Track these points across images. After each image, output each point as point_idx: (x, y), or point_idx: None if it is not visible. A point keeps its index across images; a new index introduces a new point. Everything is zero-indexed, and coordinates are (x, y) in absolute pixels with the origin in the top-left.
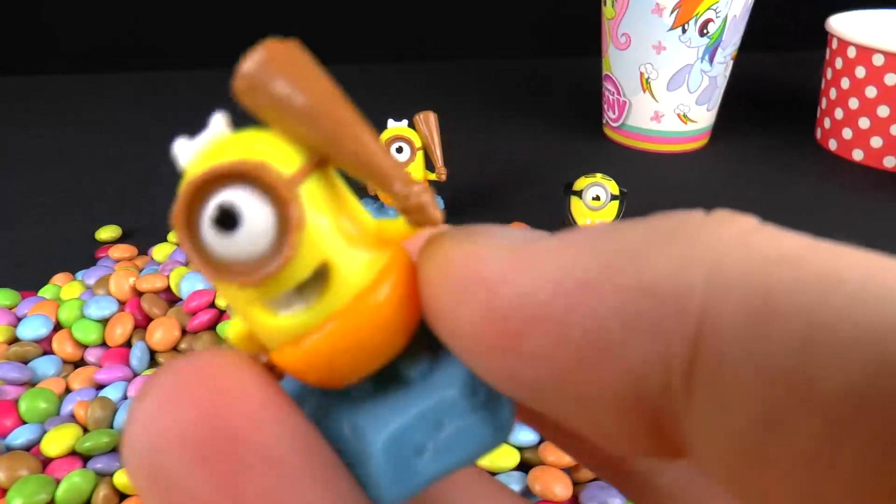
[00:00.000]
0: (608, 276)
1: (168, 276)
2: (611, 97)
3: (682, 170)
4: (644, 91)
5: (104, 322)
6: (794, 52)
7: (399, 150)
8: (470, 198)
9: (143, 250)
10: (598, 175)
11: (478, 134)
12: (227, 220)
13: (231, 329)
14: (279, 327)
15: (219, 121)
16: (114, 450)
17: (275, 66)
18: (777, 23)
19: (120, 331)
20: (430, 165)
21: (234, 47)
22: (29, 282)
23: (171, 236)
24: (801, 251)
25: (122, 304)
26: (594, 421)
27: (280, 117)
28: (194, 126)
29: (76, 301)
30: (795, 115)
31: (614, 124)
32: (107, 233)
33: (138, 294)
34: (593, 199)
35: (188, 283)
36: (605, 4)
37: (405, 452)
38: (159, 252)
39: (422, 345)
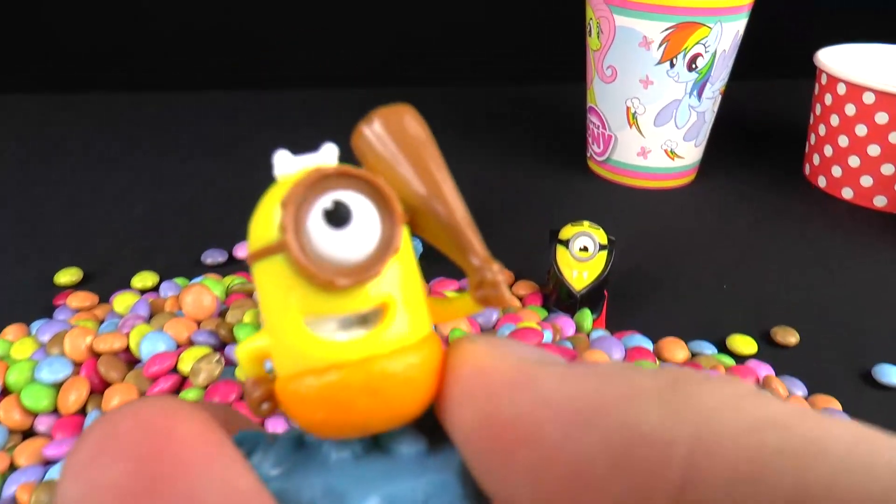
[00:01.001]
0: (605, 414)
1: (128, 335)
2: (596, 131)
3: (669, 207)
4: (630, 126)
5: (57, 387)
6: (782, 80)
7: None
8: None
9: (105, 296)
10: (586, 223)
11: (456, 165)
12: (340, 214)
13: (244, 346)
14: (324, 348)
15: (331, 151)
16: None
17: (385, 129)
18: (764, 53)
19: (74, 397)
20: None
21: (203, 71)
22: None
23: (135, 281)
24: (789, 418)
25: (77, 365)
26: None
27: (386, 175)
28: (167, 151)
29: (27, 363)
30: (783, 149)
31: (599, 158)
32: (66, 276)
33: (95, 355)
34: (581, 249)
35: (149, 344)
36: (589, 35)
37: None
38: (121, 303)
39: (419, 429)
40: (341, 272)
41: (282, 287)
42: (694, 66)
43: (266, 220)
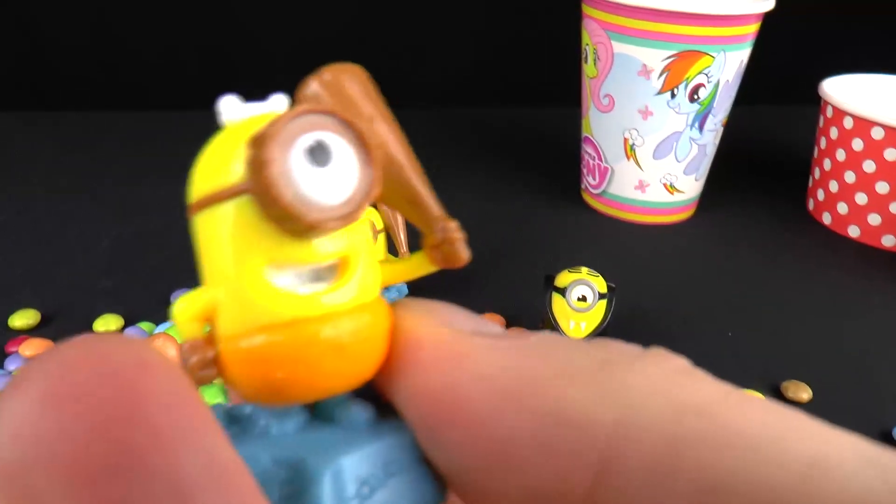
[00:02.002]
0: (534, 393)
1: None
2: (591, 161)
3: (668, 244)
4: (628, 158)
5: None
6: (783, 106)
7: None
8: (436, 280)
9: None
10: (584, 270)
11: (443, 195)
12: (321, 153)
13: (184, 303)
14: (288, 302)
15: (281, 101)
16: None
17: (348, 77)
18: (766, 78)
19: None
20: (392, 249)
21: (176, 88)
22: None
23: (98, 325)
24: (712, 404)
25: None
26: None
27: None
28: (135, 175)
29: None
30: (785, 182)
31: (594, 191)
32: (22, 319)
33: None
34: (579, 299)
35: None
36: (585, 61)
37: (349, 490)
38: None
39: (365, 396)
40: (325, 215)
41: (241, 233)
42: (696, 96)
43: (222, 162)
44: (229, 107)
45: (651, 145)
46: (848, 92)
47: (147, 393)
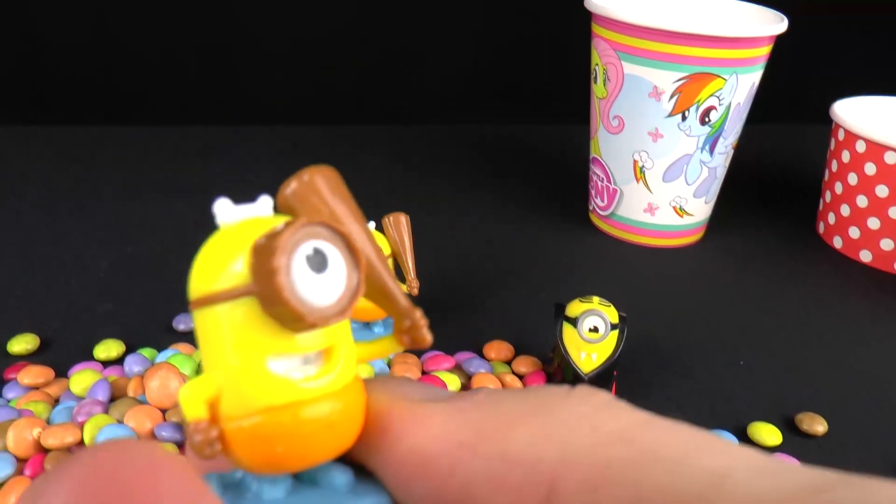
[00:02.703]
0: (484, 443)
1: (82, 427)
2: (599, 183)
3: (677, 267)
4: (637, 181)
5: None
6: (794, 125)
7: None
8: (445, 307)
9: (62, 368)
10: (596, 300)
11: (449, 214)
12: (319, 260)
13: (191, 389)
14: (287, 387)
15: (267, 203)
16: None
17: (322, 178)
18: (777, 97)
19: (14, 501)
20: (399, 275)
21: (177, 104)
22: None
23: (98, 351)
24: (634, 429)
25: (21, 462)
26: None
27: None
28: (136, 193)
29: None
30: (794, 203)
31: (602, 213)
32: (20, 345)
33: (43, 450)
34: (590, 330)
35: (106, 438)
36: (595, 82)
37: None
38: (78, 383)
39: (345, 463)
40: (322, 313)
41: (244, 329)
42: (707, 119)
43: (222, 264)
44: (223, 209)
45: (661, 168)
46: (860, 114)
47: (162, 496)
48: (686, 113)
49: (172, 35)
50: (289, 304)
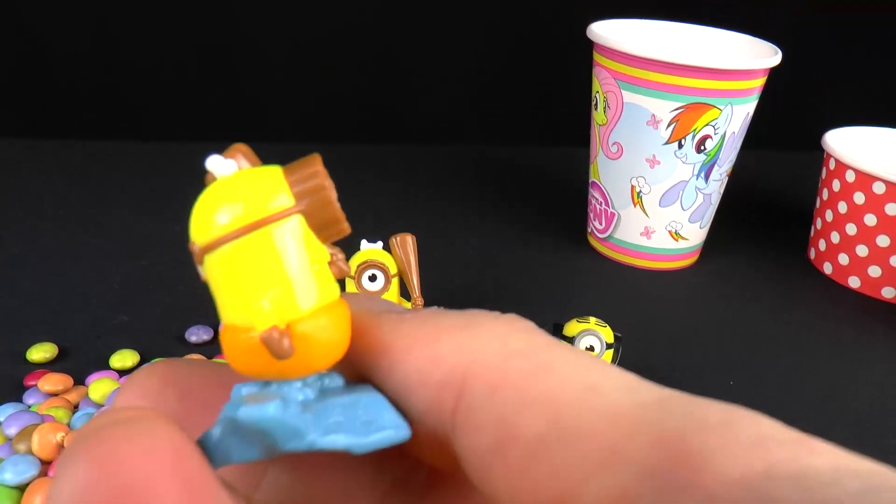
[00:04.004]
0: (416, 346)
1: None
2: (598, 206)
3: (672, 290)
4: (635, 205)
5: (21, 488)
6: (786, 153)
7: (372, 278)
8: None
9: (80, 377)
10: (592, 320)
11: (448, 234)
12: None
13: (270, 304)
14: (334, 285)
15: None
16: None
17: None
18: (771, 125)
19: (39, 501)
20: (404, 292)
21: (191, 120)
22: None
23: (114, 360)
24: (533, 349)
25: (45, 464)
26: (415, 442)
27: None
28: (148, 210)
29: None
30: (787, 229)
31: (600, 235)
32: (40, 353)
33: None
34: (587, 349)
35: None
36: (595, 109)
37: (326, 417)
38: (97, 389)
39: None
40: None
41: (302, 241)
42: (703, 147)
43: (258, 198)
44: (219, 163)
45: (657, 193)
46: (851, 145)
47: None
48: (682, 141)
49: (184, 56)
50: (339, 213)
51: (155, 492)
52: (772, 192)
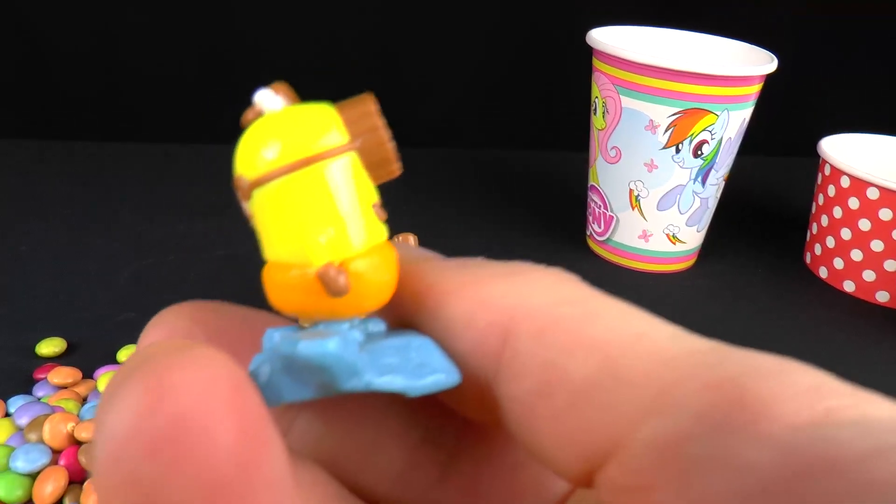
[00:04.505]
0: (463, 291)
1: None
2: (597, 210)
3: (669, 292)
4: (633, 208)
5: (33, 476)
6: (783, 158)
7: None
8: None
9: (88, 371)
10: None
11: (447, 237)
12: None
13: (327, 240)
14: (383, 227)
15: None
16: None
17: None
18: (768, 131)
19: (51, 488)
20: None
21: (199, 123)
22: None
23: (121, 355)
24: (581, 297)
25: (55, 453)
26: (454, 391)
27: None
28: (154, 209)
29: (2, 449)
30: (783, 234)
31: (599, 238)
32: (49, 347)
33: (76, 443)
34: None
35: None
36: (594, 113)
37: (382, 358)
38: (106, 382)
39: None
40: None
41: (356, 179)
42: (700, 152)
43: (312, 133)
44: (267, 98)
45: (655, 197)
46: (846, 151)
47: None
48: (680, 146)
49: (187, 59)
50: (392, 153)
51: (211, 425)
52: (768, 198)
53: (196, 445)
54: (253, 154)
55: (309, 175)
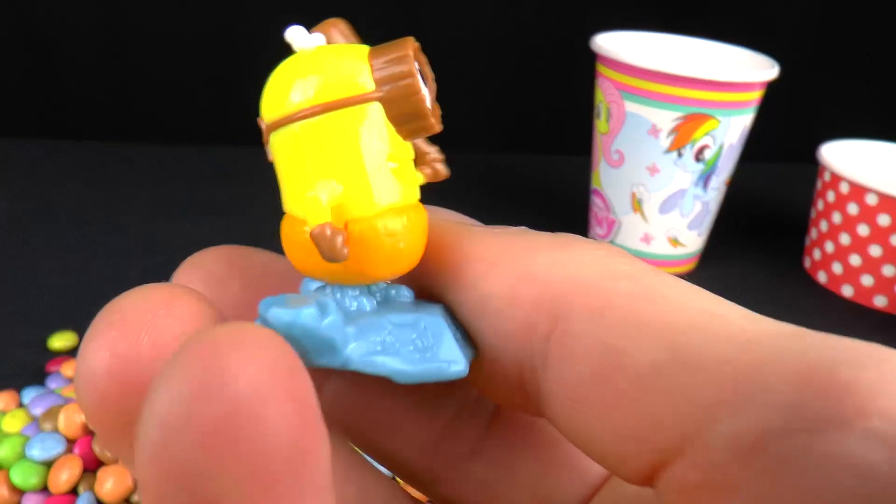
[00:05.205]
0: (507, 262)
1: None
2: (599, 213)
3: None
4: (635, 212)
5: (48, 464)
6: (784, 165)
7: None
8: None
9: None
10: None
11: None
12: (423, 75)
13: (326, 194)
14: (407, 187)
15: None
16: None
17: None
18: (769, 138)
19: (66, 476)
20: None
21: (206, 124)
22: None
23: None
24: (639, 272)
25: (70, 442)
26: (485, 376)
27: None
28: (168, 206)
29: (18, 437)
30: (783, 238)
31: (602, 241)
32: (60, 341)
33: (90, 433)
34: None
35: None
36: (597, 118)
37: (456, 332)
38: None
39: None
40: (435, 119)
41: (372, 132)
42: (701, 157)
43: (339, 75)
44: (301, 36)
45: (657, 201)
46: (845, 158)
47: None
48: (682, 150)
49: (199, 62)
50: (423, 103)
51: (266, 409)
52: (768, 203)
53: (252, 434)
54: (271, 96)
55: (322, 123)
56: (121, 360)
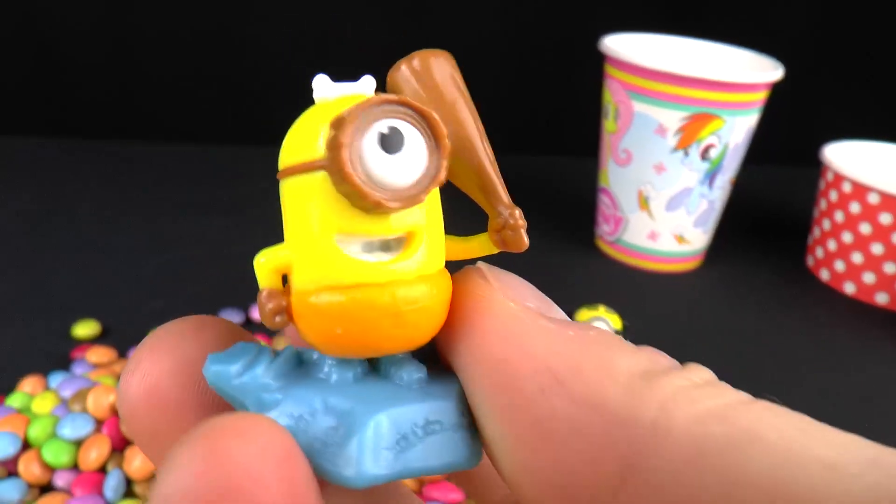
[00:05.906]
0: (574, 381)
1: None
2: (606, 211)
3: (676, 290)
4: (642, 209)
5: (78, 443)
6: (788, 167)
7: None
8: None
9: (123, 351)
10: (601, 308)
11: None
12: (395, 141)
13: (264, 256)
14: (352, 267)
15: (369, 82)
16: None
17: (435, 62)
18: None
19: (95, 455)
20: None
21: (224, 124)
22: None
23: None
24: (734, 410)
25: (99, 423)
26: (524, 491)
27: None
28: (180, 205)
29: (49, 418)
30: (787, 238)
31: (609, 238)
32: (84, 329)
33: (117, 415)
34: None
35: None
36: (605, 118)
37: (388, 441)
38: None
39: (418, 357)
40: (389, 196)
41: (317, 203)
42: (707, 156)
43: (308, 137)
44: (321, 85)
45: (664, 199)
46: (848, 158)
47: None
48: (688, 149)
49: (207, 62)
50: (349, 179)
51: (261, 491)
52: (772, 203)
53: None
54: (283, 143)
55: (285, 188)
56: (149, 383)
